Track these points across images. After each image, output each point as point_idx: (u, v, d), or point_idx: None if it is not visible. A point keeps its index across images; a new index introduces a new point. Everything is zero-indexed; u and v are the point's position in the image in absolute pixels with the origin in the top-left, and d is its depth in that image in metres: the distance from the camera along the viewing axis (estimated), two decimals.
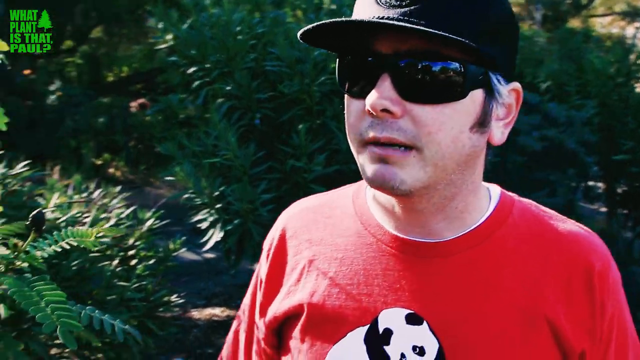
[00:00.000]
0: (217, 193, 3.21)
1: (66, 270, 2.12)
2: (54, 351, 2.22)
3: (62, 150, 13.51)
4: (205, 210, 3.35)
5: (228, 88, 3.77)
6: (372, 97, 0.85)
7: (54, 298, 0.80)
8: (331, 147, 3.44)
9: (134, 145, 14.89)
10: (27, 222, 0.88)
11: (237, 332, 1.19)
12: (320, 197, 1.14)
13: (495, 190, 1.04)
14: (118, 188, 3.09)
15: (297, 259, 1.05)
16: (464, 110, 0.87)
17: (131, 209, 3.12)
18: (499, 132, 0.93)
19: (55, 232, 0.93)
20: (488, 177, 1.02)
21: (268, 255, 1.11)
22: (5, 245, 0.89)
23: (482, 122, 0.90)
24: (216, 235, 3.27)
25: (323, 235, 1.05)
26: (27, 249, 0.89)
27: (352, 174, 3.30)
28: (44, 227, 0.86)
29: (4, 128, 1.38)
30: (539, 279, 0.95)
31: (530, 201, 1.05)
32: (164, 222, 3.18)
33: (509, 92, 0.93)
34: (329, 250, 1.03)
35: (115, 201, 3.05)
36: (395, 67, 0.85)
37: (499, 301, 0.94)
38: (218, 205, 3.26)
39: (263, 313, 1.09)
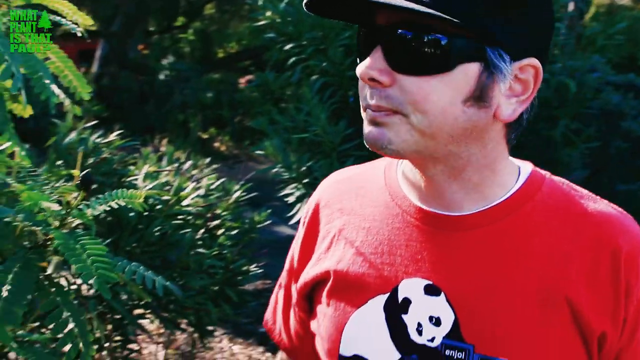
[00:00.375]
0: (304, 168, 3.24)
1: (149, 236, 2.21)
2: (137, 312, 2.33)
3: (170, 124, 14.01)
4: (292, 185, 3.41)
5: (323, 65, 3.80)
6: (362, 66, 0.88)
7: (96, 252, 0.85)
8: None
9: (239, 120, 15.26)
10: (78, 183, 0.93)
11: (276, 297, 1.24)
12: (355, 168, 1.16)
13: (526, 167, 1.01)
14: (207, 160, 3.17)
15: (329, 228, 1.08)
16: (453, 83, 0.88)
17: (220, 180, 3.21)
18: (509, 109, 0.91)
19: (106, 193, 0.98)
20: (587, 162, 0.99)
21: (303, 224, 1.14)
22: (60, 202, 0.95)
23: (478, 97, 0.89)
24: (302, 209, 3.32)
25: (354, 205, 1.07)
26: (80, 206, 0.94)
27: None
28: (93, 187, 0.91)
29: (86, 97, 1.46)
30: (563, 258, 0.92)
31: (563, 180, 1.01)
32: (251, 195, 3.25)
33: (521, 68, 0.90)
34: (358, 219, 1.05)
35: (205, 172, 3.14)
36: (386, 39, 0.88)
37: (518, 278, 0.93)
38: (305, 180, 3.30)
39: (296, 279, 1.12)
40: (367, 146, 0.93)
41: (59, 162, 2.30)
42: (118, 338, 2.36)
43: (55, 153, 2.38)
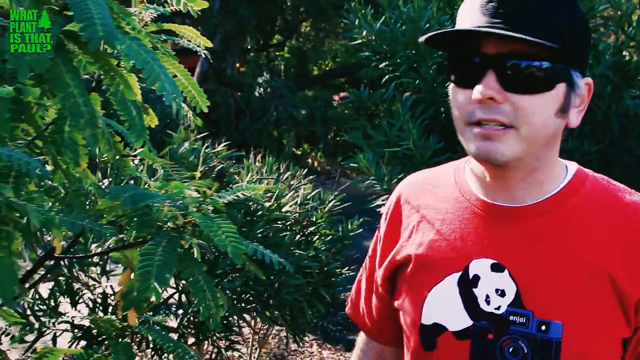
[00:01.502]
0: (395, 180, 3.40)
1: (253, 237, 2.43)
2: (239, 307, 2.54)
3: (264, 140, 14.39)
4: (385, 196, 3.57)
5: (416, 82, 3.95)
6: (481, 88, 1.06)
7: (228, 229, 1.05)
8: None
9: (332, 136, 15.53)
10: (213, 176, 1.14)
11: (359, 281, 1.46)
12: (428, 171, 1.37)
13: (573, 166, 1.21)
14: (304, 171, 3.38)
15: (409, 220, 1.29)
16: (551, 99, 1.08)
17: (316, 190, 3.41)
18: (575, 118, 1.13)
19: (234, 185, 1.19)
20: None
21: (386, 217, 1.35)
22: (197, 192, 1.17)
23: (564, 109, 1.10)
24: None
25: (429, 201, 1.27)
26: (213, 196, 1.16)
27: None
28: (224, 180, 1.12)
29: (205, 109, 1.67)
30: (604, 242, 1.11)
31: (603, 176, 1.21)
32: (345, 205, 3.43)
33: (584, 85, 1.12)
34: (434, 212, 1.25)
35: (302, 182, 3.35)
36: (498, 66, 1.06)
37: (568, 257, 1.11)
38: None
39: (381, 264, 1.33)
40: (477, 159, 1.14)
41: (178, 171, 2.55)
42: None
43: (172, 160, 2.64)
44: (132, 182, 2.13)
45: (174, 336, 2.54)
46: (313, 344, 4.75)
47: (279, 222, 2.74)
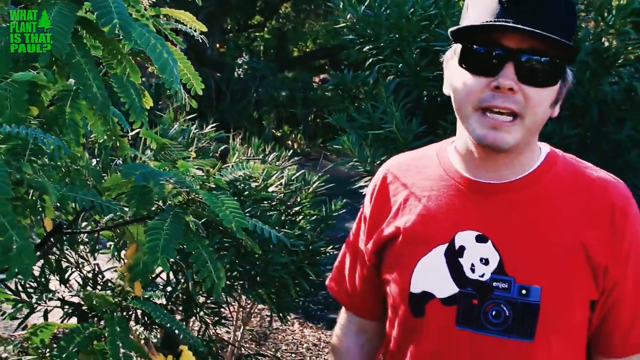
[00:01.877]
0: (378, 162, 3.48)
1: None
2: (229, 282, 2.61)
3: (244, 121, 14.39)
4: (367, 178, 3.65)
5: (400, 66, 4.01)
6: (502, 78, 1.16)
7: (232, 205, 1.13)
8: None
9: (313, 119, 15.55)
10: (216, 156, 1.21)
11: (342, 258, 1.56)
12: (412, 152, 1.47)
13: (545, 147, 1.34)
14: (289, 153, 3.44)
15: (395, 199, 1.39)
16: (553, 92, 1.22)
17: (300, 172, 3.48)
18: (557, 109, 1.26)
19: (234, 164, 1.26)
20: None
21: (372, 196, 1.45)
22: (201, 170, 1.24)
23: (556, 101, 1.23)
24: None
25: (415, 180, 1.38)
26: (215, 174, 1.23)
27: None
28: (227, 160, 1.19)
29: (200, 92, 1.73)
30: (576, 213, 1.24)
31: (571, 155, 1.34)
32: (329, 186, 3.51)
33: (570, 80, 1.25)
34: (419, 190, 1.35)
35: (287, 164, 3.42)
36: (517, 59, 1.17)
37: (545, 228, 1.23)
38: None
39: (368, 240, 1.43)
40: (480, 144, 1.23)
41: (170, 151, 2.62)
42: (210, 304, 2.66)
43: None
44: (129, 162, 2.18)
45: None
46: (295, 322, 4.85)
47: (266, 202, 2.81)
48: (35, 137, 0.94)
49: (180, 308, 2.66)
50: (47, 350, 1.95)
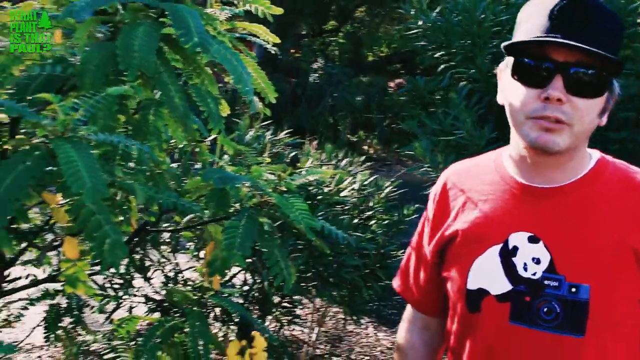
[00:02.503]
0: None
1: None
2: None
3: (320, 126, 14.52)
4: None
5: (471, 72, 4.04)
6: (551, 89, 1.24)
7: (301, 207, 1.22)
8: None
9: (388, 124, 15.54)
10: (287, 162, 1.30)
11: (408, 258, 1.65)
12: (470, 159, 1.56)
13: (596, 153, 1.40)
14: (362, 158, 3.52)
15: (454, 203, 1.47)
16: (600, 103, 1.29)
17: (373, 177, 3.56)
18: (605, 118, 1.32)
19: (305, 170, 1.35)
20: None
21: (434, 200, 1.54)
22: (273, 174, 1.33)
23: (603, 111, 1.31)
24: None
25: (472, 185, 1.45)
26: (287, 179, 1.32)
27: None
28: (297, 165, 1.28)
29: (273, 101, 1.82)
30: (624, 216, 1.29)
31: (622, 161, 1.39)
32: (401, 191, 3.57)
33: (617, 91, 1.31)
34: (477, 194, 1.43)
35: (359, 169, 3.50)
36: (566, 72, 1.24)
37: (594, 230, 1.29)
38: None
39: (431, 240, 1.51)
40: (534, 145, 1.30)
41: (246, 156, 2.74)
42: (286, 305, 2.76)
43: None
44: (207, 166, 2.31)
45: None
46: (369, 326, 4.91)
47: (338, 206, 2.90)
48: (124, 143, 1.05)
49: (257, 307, 2.78)
50: (132, 342, 2.08)
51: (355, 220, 3.08)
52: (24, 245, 1.85)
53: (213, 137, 2.33)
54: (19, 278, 1.89)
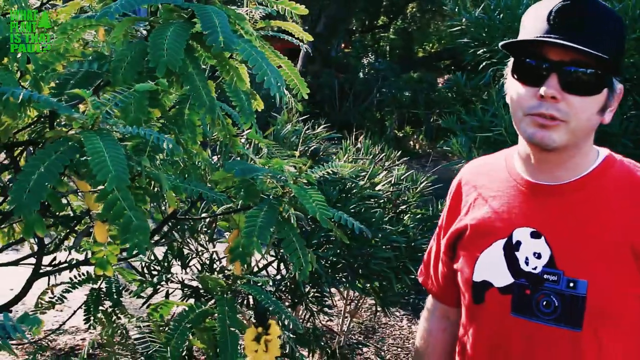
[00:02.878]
0: None
1: (345, 212, 2.65)
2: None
3: (367, 121, 14.56)
4: None
5: None
6: (546, 87, 1.29)
7: (318, 198, 1.28)
8: (601, 130, 3.59)
9: (435, 120, 15.49)
10: (308, 155, 1.37)
11: (429, 251, 1.72)
12: (485, 157, 1.63)
13: (604, 151, 1.42)
14: (398, 153, 3.57)
15: (467, 199, 1.54)
16: (597, 100, 1.32)
17: (410, 172, 3.60)
18: (608, 117, 1.35)
19: (323, 164, 1.41)
20: None
21: (450, 197, 1.62)
22: (294, 167, 1.40)
23: (603, 109, 1.33)
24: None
25: (484, 182, 1.52)
26: (307, 171, 1.39)
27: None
28: (317, 158, 1.35)
29: (305, 96, 1.89)
30: (627, 215, 1.32)
31: (631, 160, 1.41)
32: (436, 186, 3.60)
33: (619, 89, 1.34)
34: (487, 191, 1.49)
35: (396, 163, 3.54)
36: (561, 71, 1.29)
37: (595, 227, 1.33)
38: None
39: (445, 234, 1.59)
40: (530, 142, 1.36)
41: (279, 149, 2.81)
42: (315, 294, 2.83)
43: (275, 140, 2.90)
44: (238, 158, 2.39)
45: None
46: (403, 318, 4.96)
47: (372, 200, 2.96)
48: (152, 136, 1.13)
49: (288, 296, 2.86)
50: (166, 326, 2.18)
51: (390, 214, 3.13)
52: (65, 232, 1.96)
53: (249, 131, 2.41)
54: (63, 262, 2.00)
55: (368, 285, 3.07)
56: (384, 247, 2.75)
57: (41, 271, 1.54)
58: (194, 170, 1.72)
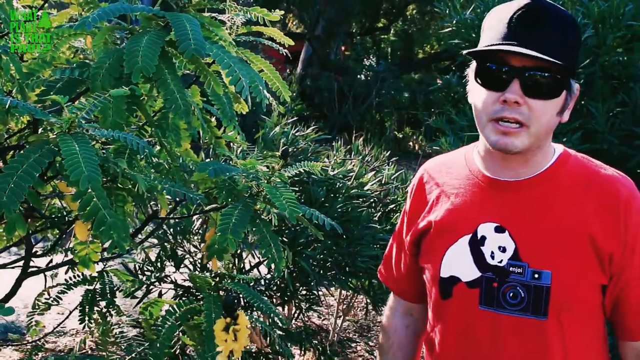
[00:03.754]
0: None
1: (333, 212, 2.72)
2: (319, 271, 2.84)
3: (366, 123, 14.62)
4: None
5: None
6: (508, 93, 1.34)
7: (289, 196, 1.35)
8: (588, 127, 3.65)
9: (436, 120, 15.46)
10: (279, 154, 1.44)
11: (390, 249, 1.77)
12: (445, 155, 1.67)
13: (559, 148, 1.49)
14: (387, 153, 3.63)
15: (429, 196, 1.59)
16: (556, 103, 1.38)
17: (400, 171, 3.66)
18: (567, 115, 1.41)
19: (295, 163, 1.48)
20: None
21: (411, 194, 1.66)
22: (267, 167, 1.47)
23: (562, 110, 1.40)
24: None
25: (445, 179, 1.57)
26: (280, 170, 1.45)
27: (606, 153, 3.48)
28: (288, 158, 1.41)
29: (288, 100, 1.95)
30: (584, 207, 1.39)
31: (584, 155, 1.48)
32: None
33: (576, 90, 1.40)
34: (449, 188, 1.54)
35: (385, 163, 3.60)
36: (522, 76, 1.34)
37: (555, 220, 1.39)
38: None
39: (408, 232, 1.63)
40: (494, 147, 1.40)
41: (265, 151, 2.88)
42: (304, 292, 2.90)
43: (263, 142, 2.97)
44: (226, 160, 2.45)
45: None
46: None
47: (360, 199, 3.02)
48: (127, 139, 1.19)
49: (278, 294, 2.92)
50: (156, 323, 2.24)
51: (378, 213, 3.19)
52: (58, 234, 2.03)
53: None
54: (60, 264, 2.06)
55: (355, 281, 3.13)
56: (371, 245, 2.81)
57: (29, 270, 1.60)
58: (177, 173, 1.78)
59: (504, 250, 1.41)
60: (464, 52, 1.41)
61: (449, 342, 1.52)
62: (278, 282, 2.89)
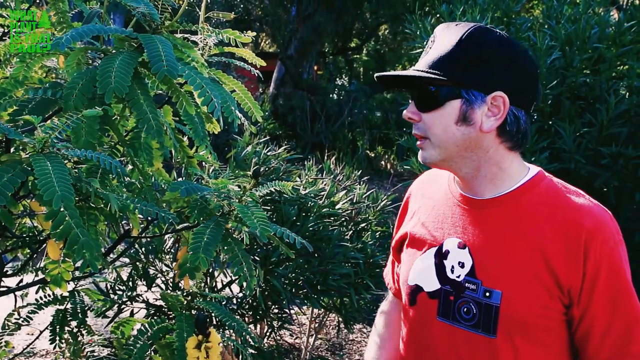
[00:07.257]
0: None
1: (305, 230, 2.74)
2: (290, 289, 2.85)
3: (339, 142, 14.70)
4: None
5: None
6: (405, 111, 1.47)
7: (260, 215, 1.37)
8: (556, 147, 3.72)
9: (406, 140, 15.61)
10: (250, 174, 1.46)
11: (389, 256, 1.83)
12: (433, 171, 1.71)
13: (534, 169, 1.50)
14: (358, 173, 3.66)
15: (413, 208, 1.67)
16: (446, 113, 1.41)
17: (371, 191, 3.70)
18: (488, 124, 1.41)
19: (267, 183, 1.50)
20: None
21: (402, 204, 1.74)
22: (239, 186, 1.49)
23: (464, 119, 1.41)
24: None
25: (429, 193, 1.64)
26: (251, 190, 1.47)
27: (573, 172, 3.54)
28: (259, 178, 1.43)
29: (260, 119, 1.97)
30: (545, 232, 1.38)
31: (560, 180, 1.49)
32: (397, 204, 3.70)
33: (493, 98, 1.40)
34: (430, 201, 1.62)
35: (356, 182, 3.64)
36: (413, 94, 1.44)
37: (514, 241, 1.41)
38: None
39: (393, 238, 1.72)
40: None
41: (237, 171, 2.90)
42: (276, 311, 2.90)
43: (235, 162, 2.98)
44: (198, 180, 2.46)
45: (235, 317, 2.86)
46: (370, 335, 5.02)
47: (331, 218, 3.04)
48: (99, 159, 1.21)
49: (250, 313, 2.93)
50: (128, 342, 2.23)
51: (350, 232, 3.22)
52: (29, 254, 2.02)
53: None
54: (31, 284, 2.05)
55: (326, 299, 3.15)
56: (342, 263, 2.83)
57: None
58: (149, 192, 1.79)
59: (462, 265, 1.46)
60: (377, 75, 1.49)
61: (410, 348, 1.59)
62: (250, 301, 2.89)
